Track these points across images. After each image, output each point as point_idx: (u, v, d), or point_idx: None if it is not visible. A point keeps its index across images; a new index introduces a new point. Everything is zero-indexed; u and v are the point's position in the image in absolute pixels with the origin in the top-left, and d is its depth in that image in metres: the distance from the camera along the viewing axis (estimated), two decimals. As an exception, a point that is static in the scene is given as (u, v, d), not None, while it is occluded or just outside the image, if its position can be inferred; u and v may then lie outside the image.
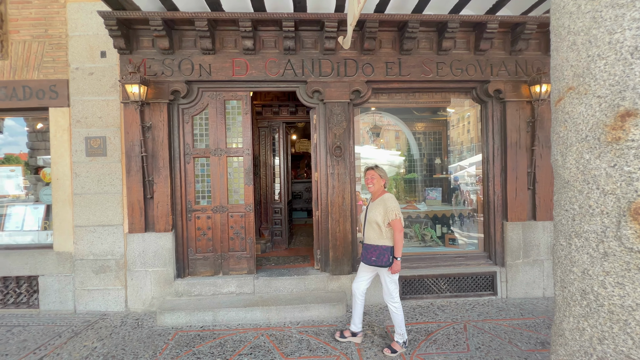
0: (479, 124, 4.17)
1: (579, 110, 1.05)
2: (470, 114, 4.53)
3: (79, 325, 3.39)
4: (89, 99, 3.67)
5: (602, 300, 0.94)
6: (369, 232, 2.77)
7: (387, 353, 2.75)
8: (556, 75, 1.18)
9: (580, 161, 1.03)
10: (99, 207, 3.68)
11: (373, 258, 2.71)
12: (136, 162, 3.63)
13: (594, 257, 0.97)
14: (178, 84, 3.64)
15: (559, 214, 1.14)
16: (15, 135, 4.11)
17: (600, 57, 0.98)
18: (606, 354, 0.91)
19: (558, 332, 1.09)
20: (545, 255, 3.89)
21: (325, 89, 3.74)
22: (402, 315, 2.78)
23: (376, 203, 2.78)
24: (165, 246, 3.67)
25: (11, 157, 4.11)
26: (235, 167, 3.90)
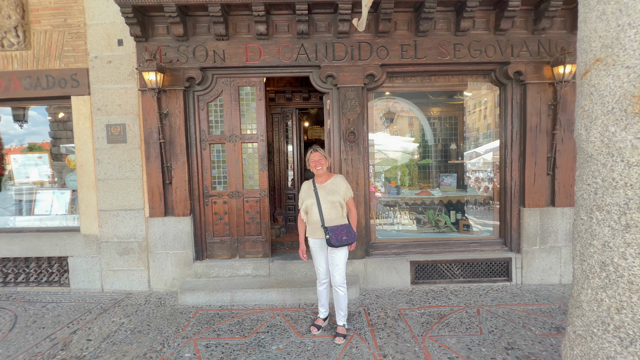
0: (496, 109, 4.05)
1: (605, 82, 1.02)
2: (488, 98, 4.40)
3: (107, 302, 3.60)
4: (108, 87, 3.77)
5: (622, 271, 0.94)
6: (330, 214, 2.69)
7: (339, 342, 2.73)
8: (583, 48, 1.14)
9: (605, 134, 1.01)
10: (121, 192, 3.83)
11: (344, 237, 2.65)
12: (155, 149, 3.73)
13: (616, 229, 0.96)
14: (193, 70, 3.68)
15: (581, 188, 1.13)
16: (38, 125, 4.28)
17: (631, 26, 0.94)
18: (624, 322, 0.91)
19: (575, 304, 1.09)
20: (564, 242, 3.82)
21: (339, 74, 3.70)
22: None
23: (330, 184, 2.77)
24: (184, 230, 3.81)
25: (34, 146, 4.30)
26: (250, 153, 3.96)
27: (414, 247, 3.98)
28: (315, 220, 2.72)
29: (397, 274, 3.83)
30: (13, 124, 4.24)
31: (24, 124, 4.30)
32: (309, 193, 2.78)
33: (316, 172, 2.78)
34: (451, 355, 2.55)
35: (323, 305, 2.97)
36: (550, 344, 2.67)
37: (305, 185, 2.87)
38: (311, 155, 2.78)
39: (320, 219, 2.70)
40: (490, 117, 4.42)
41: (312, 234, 2.79)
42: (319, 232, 2.73)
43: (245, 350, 2.64)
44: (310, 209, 2.74)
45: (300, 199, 2.85)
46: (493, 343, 2.70)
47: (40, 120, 4.29)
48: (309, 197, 2.76)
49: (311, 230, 2.79)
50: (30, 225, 4.12)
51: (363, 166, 3.81)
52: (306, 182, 2.89)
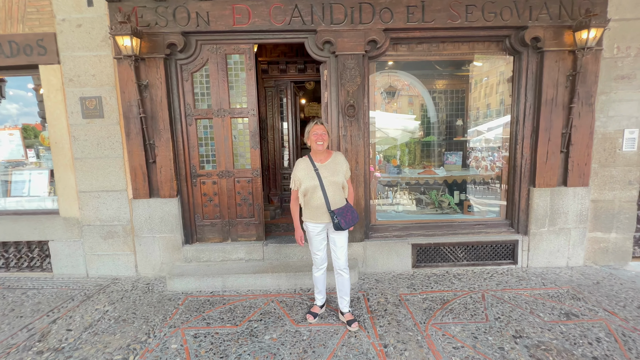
0: (508, 84, 3.71)
1: None
2: (500, 69, 4.04)
3: (91, 289, 3.40)
4: (79, 54, 3.37)
5: None
6: (335, 196, 2.44)
7: (355, 328, 2.58)
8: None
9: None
10: (101, 172, 3.53)
11: (350, 218, 2.46)
12: (135, 124, 3.40)
13: None
14: (174, 35, 3.28)
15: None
16: (30, 106, 3.89)
17: None
18: None
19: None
20: (574, 223, 3.62)
21: (337, 39, 3.32)
22: None
23: (332, 163, 2.49)
24: (171, 212, 3.56)
25: (28, 127, 3.93)
26: (240, 129, 3.64)
27: (416, 229, 3.77)
28: (319, 205, 2.44)
29: (398, 257, 3.64)
30: (6, 104, 3.84)
31: (1, 100, 3.92)
32: (309, 174, 2.44)
33: (316, 147, 2.45)
34: (456, 344, 2.39)
35: (321, 291, 2.79)
36: (560, 331, 2.52)
37: (302, 164, 2.50)
38: (314, 128, 2.44)
39: (326, 203, 2.43)
40: (501, 90, 4.09)
41: (314, 218, 2.50)
42: (323, 216, 2.47)
43: (237, 341, 2.47)
44: (313, 193, 2.43)
45: (295, 179, 2.49)
46: (500, 331, 2.55)
47: (32, 101, 3.88)
48: (309, 179, 2.43)
49: (312, 214, 2.49)
50: (7, 208, 3.84)
51: (363, 143, 3.52)
52: (302, 160, 2.52)
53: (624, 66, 3.42)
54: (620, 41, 3.39)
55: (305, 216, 2.54)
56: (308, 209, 2.50)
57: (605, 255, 3.69)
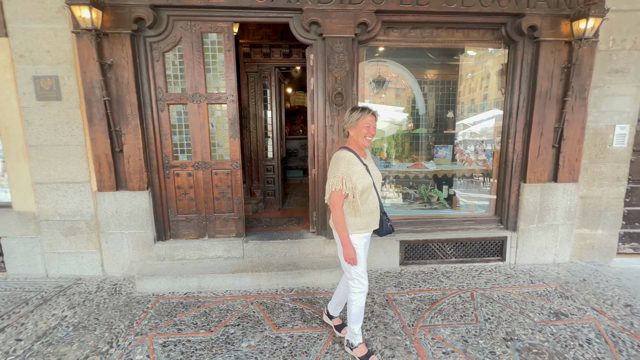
0: (501, 76, 3.57)
1: None
2: (493, 60, 3.89)
3: (50, 291, 3.08)
4: (31, 26, 2.95)
5: None
6: (376, 197, 2.07)
7: (344, 333, 2.32)
8: None
9: None
10: (60, 161, 3.16)
11: (390, 224, 2.16)
12: (98, 109, 3.04)
13: None
14: (142, 9, 2.92)
15: None
16: None
17: None
18: None
19: None
20: (562, 219, 3.56)
21: (325, 20, 3.05)
22: None
23: (369, 159, 2.13)
24: (142, 206, 3.25)
25: None
26: (218, 116, 3.33)
27: (404, 225, 3.62)
28: (374, 209, 2.04)
29: (385, 254, 3.49)
30: None
31: None
32: (362, 171, 1.97)
33: (363, 142, 2.01)
34: (446, 349, 2.26)
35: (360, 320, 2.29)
36: (550, 332, 2.44)
37: (350, 158, 1.97)
38: (367, 118, 1.97)
39: (380, 205, 2.10)
40: (493, 82, 3.95)
41: (366, 226, 2.02)
42: (374, 222, 2.07)
43: (210, 350, 2.25)
44: (369, 193, 2.00)
45: (347, 177, 1.91)
46: (490, 333, 2.44)
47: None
48: (363, 176, 1.96)
49: (365, 222, 2.01)
50: (-49, 200, 3.41)
51: (351, 134, 3.29)
52: (347, 153, 1.99)
53: (619, 59, 3.33)
54: (616, 33, 3.29)
55: (355, 226, 2.00)
56: (359, 215, 1.99)
57: (591, 252, 3.68)
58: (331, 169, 2.01)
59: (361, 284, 2.07)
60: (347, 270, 2.08)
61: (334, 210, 1.96)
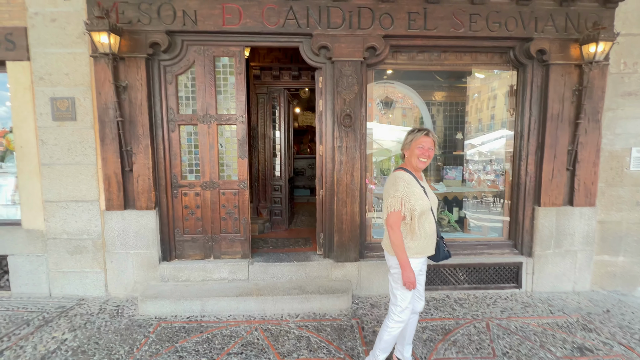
0: (510, 97, 3.55)
1: None
2: (502, 81, 3.89)
3: (52, 311, 3.02)
4: (52, 51, 3.08)
5: None
6: (433, 221, 1.99)
7: None
8: None
9: None
10: (71, 179, 3.20)
11: (447, 249, 2.09)
12: (111, 129, 3.10)
13: None
14: (157, 34, 3.03)
15: None
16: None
17: None
18: None
19: None
20: (580, 245, 3.41)
21: (334, 44, 3.11)
22: None
23: (424, 181, 2.07)
24: (148, 226, 3.23)
25: None
26: (228, 137, 3.36)
27: (414, 248, 3.50)
28: (431, 233, 1.98)
29: (395, 279, 3.36)
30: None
31: None
32: (420, 193, 1.92)
33: (417, 164, 1.95)
34: (463, 386, 2.11)
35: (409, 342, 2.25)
36: (575, 370, 2.27)
37: (408, 178, 1.93)
38: (422, 139, 1.93)
39: (437, 229, 2.03)
40: (502, 104, 3.93)
41: (422, 251, 1.98)
42: (431, 246, 2.01)
43: (212, 380, 2.14)
44: (426, 217, 1.94)
45: (406, 198, 1.86)
46: (510, 369, 2.28)
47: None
48: (422, 198, 1.91)
49: (422, 246, 1.96)
50: (-37, 217, 3.46)
51: (360, 155, 3.28)
52: (405, 174, 1.95)
53: (631, 82, 3.29)
54: (627, 57, 3.27)
55: (411, 250, 1.93)
56: (417, 239, 1.94)
57: (613, 280, 3.49)
58: (388, 189, 1.95)
59: (404, 313, 2.00)
60: (394, 295, 2.02)
61: (392, 231, 1.89)
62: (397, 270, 1.96)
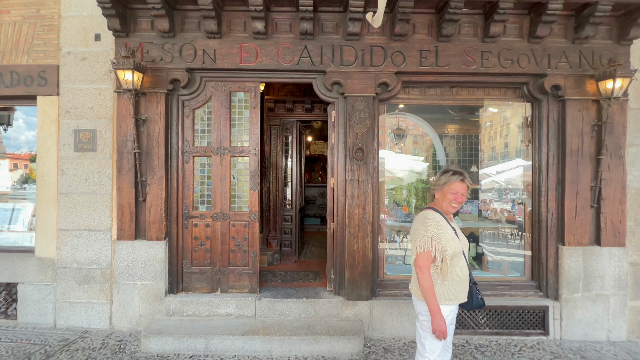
0: (526, 129, 3.50)
1: None
2: (516, 115, 3.85)
3: (55, 344, 2.95)
4: (80, 87, 3.27)
5: None
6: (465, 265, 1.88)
7: None
8: None
9: None
10: (86, 209, 3.25)
11: (480, 296, 1.95)
12: (128, 160, 3.19)
13: None
14: (178, 71, 3.18)
15: None
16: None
17: None
18: None
19: None
20: (612, 289, 3.16)
21: (347, 81, 3.18)
22: None
23: (455, 224, 1.97)
24: (157, 257, 3.20)
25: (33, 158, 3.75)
26: (240, 168, 3.40)
27: (430, 287, 3.32)
28: (464, 277, 1.85)
29: (410, 320, 3.17)
30: (27, 129, 3.71)
31: (8, 128, 3.82)
32: (451, 234, 1.83)
33: (447, 208, 1.88)
34: None
35: None
36: None
37: (438, 218, 1.84)
38: (456, 184, 1.83)
39: (470, 274, 1.90)
40: (518, 137, 3.86)
41: (454, 297, 1.84)
42: (463, 293, 1.87)
43: None
44: (458, 260, 1.83)
45: (432, 237, 1.77)
46: None
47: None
48: (453, 240, 1.82)
49: (454, 291, 1.83)
50: (-20, 243, 3.53)
51: (372, 189, 3.23)
52: (435, 213, 1.87)
53: (653, 118, 3.19)
54: (647, 92, 3.20)
55: (442, 296, 1.80)
56: (448, 284, 1.81)
57: (652, 329, 3.18)
58: (417, 228, 1.85)
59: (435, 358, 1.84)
60: (422, 345, 1.87)
61: (422, 273, 1.76)
62: (426, 317, 1.82)
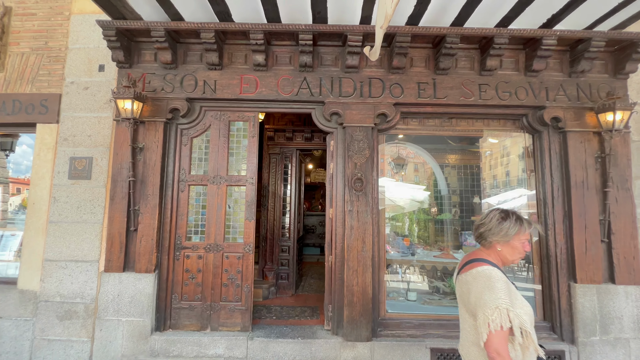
0: (525, 158, 3.45)
1: None
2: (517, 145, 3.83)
3: (26, 389, 2.70)
4: (80, 115, 3.29)
5: None
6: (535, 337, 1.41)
7: None
8: None
9: None
10: (75, 238, 3.14)
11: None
12: (122, 188, 3.12)
13: None
14: (178, 101, 3.21)
15: None
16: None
17: None
18: None
19: None
20: (632, 331, 2.93)
21: (346, 111, 3.19)
22: None
23: None
24: (145, 291, 3.03)
25: None
26: (236, 198, 3.31)
27: (435, 327, 3.10)
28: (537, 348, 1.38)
29: (414, 365, 2.91)
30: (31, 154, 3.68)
31: (10, 153, 3.82)
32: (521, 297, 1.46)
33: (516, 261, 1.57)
34: None
35: None
36: None
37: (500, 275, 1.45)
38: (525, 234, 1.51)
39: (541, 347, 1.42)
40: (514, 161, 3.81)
41: None
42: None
43: None
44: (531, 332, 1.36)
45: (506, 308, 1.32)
46: None
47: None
48: (525, 305, 1.44)
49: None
50: (-38, 274, 3.37)
51: (371, 220, 3.11)
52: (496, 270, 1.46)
53: (658, 150, 3.14)
54: (648, 125, 3.18)
55: None
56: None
57: (680, 379, 2.90)
58: (481, 295, 1.37)
59: None
60: None
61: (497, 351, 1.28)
62: None
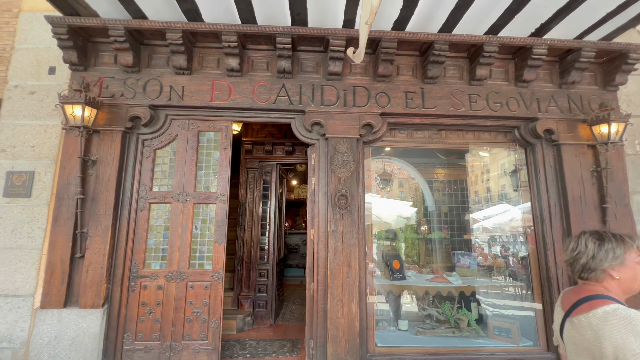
0: (517, 173, 3.26)
1: None
2: (508, 157, 3.66)
3: None
4: (23, 122, 2.85)
5: None
6: None
7: None
8: None
9: None
10: (6, 268, 2.63)
11: None
12: (68, 207, 2.66)
13: None
14: (140, 108, 2.84)
15: None
16: None
17: None
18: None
19: None
20: (642, 362, 2.66)
21: (328, 121, 2.91)
22: None
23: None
24: (90, 330, 2.53)
25: None
26: (204, 218, 2.91)
27: (430, 363, 2.74)
28: None
29: (408, 411, 2.52)
30: None
31: None
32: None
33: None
34: None
35: None
36: None
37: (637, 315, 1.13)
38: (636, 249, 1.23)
39: None
40: (511, 182, 3.62)
41: None
42: None
43: None
44: None
45: None
46: None
47: None
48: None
49: None
50: None
51: (357, 242, 2.78)
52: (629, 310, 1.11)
53: (652, 164, 3.02)
54: (639, 137, 3.08)
55: None
56: None
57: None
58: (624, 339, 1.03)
59: None
60: None
61: None
62: None
